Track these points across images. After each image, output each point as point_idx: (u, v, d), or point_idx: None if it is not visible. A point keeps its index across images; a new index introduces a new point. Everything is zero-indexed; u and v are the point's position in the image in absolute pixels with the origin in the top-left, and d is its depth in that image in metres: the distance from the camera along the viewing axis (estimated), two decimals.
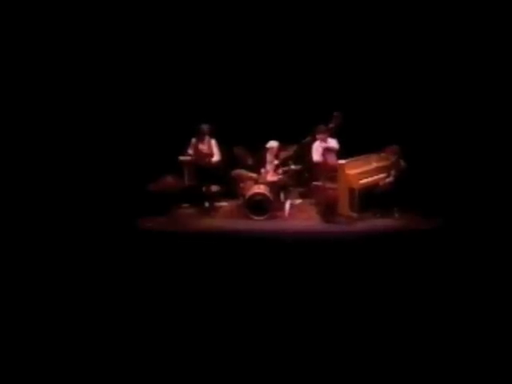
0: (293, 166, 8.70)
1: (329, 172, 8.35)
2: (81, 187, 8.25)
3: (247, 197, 8.38)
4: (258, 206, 8.33)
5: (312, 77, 9.35)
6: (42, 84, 8.62)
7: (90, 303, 5.33)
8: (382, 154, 8.45)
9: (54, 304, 5.30)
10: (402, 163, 8.22)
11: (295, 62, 9.37)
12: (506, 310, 4.98)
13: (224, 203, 9.03)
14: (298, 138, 8.74)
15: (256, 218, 8.33)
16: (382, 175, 8.32)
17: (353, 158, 8.39)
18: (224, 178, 8.82)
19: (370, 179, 8.24)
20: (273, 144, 8.67)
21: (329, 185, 8.29)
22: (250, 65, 9.38)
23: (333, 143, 8.52)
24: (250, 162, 8.78)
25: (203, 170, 8.56)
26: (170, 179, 8.36)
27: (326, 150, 8.45)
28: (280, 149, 8.76)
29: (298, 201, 8.99)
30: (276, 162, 8.75)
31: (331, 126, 8.44)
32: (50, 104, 8.64)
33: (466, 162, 8.42)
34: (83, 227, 7.53)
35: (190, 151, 8.63)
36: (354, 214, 8.16)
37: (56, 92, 8.68)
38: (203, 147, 8.65)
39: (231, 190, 8.94)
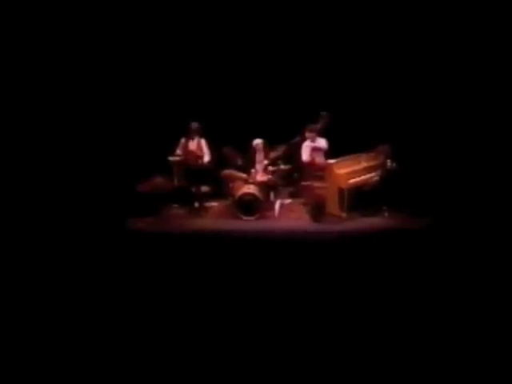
0: (282, 166, 8.71)
1: (317, 171, 8.38)
2: (69, 188, 8.20)
3: (237, 197, 8.38)
4: (248, 206, 8.33)
5: (301, 77, 9.36)
6: (31, 83, 8.54)
7: (79, 304, 5.31)
8: (372, 154, 8.49)
9: (43, 304, 5.28)
10: (389, 163, 8.25)
11: (284, 62, 9.37)
12: (495, 307, 5.02)
13: (214, 203, 9.02)
14: (287, 138, 8.76)
15: (246, 218, 8.33)
16: (371, 175, 8.34)
17: (342, 158, 8.42)
18: (214, 178, 8.81)
19: (359, 179, 8.26)
20: (258, 141, 8.69)
21: (317, 184, 8.31)
22: (240, 65, 9.36)
23: (322, 143, 8.54)
24: (239, 162, 8.79)
25: (193, 170, 8.53)
26: (159, 179, 8.34)
27: (314, 150, 8.48)
28: (269, 149, 8.77)
29: (288, 200, 9.00)
30: (265, 161, 8.76)
31: (318, 125, 8.48)
32: (37, 104, 8.56)
33: (455, 161, 8.45)
34: (72, 228, 7.49)
35: (180, 151, 8.61)
36: (344, 214, 8.19)
37: (44, 92, 8.60)
38: (193, 147, 8.63)
39: (221, 190, 8.94)
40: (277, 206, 8.62)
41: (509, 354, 4.27)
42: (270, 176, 8.68)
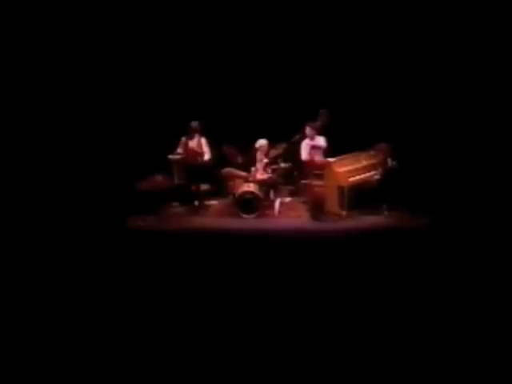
0: (282, 165, 8.70)
1: (316, 170, 8.37)
2: (69, 186, 8.20)
3: (237, 195, 8.38)
4: (248, 204, 8.33)
5: (301, 75, 9.36)
6: (31, 83, 8.54)
7: (79, 302, 5.31)
8: (372, 152, 8.48)
9: (42, 303, 5.28)
10: (390, 161, 8.24)
11: (284, 61, 9.37)
12: (495, 306, 5.02)
13: (214, 202, 9.03)
14: (287, 136, 8.75)
15: (246, 216, 8.33)
16: (371, 173, 8.34)
17: (342, 156, 8.42)
18: (214, 177, 8.81)
19: (359, 177, 8.25)
20: (262, 143, 8.68)
21: (316, 183, 8.31)
22: (240, 64, 9.37)
23: (321, 141, 8.53)
24: (239, 160, 8.79)
25: (192, 168, 8.54)
26: (159, 178, 8.35)
27: (313, 148, 8.46)
28: (269, 147, 8.77)
29: (288, 199, 9.00)
30: (265, 160, 8.76)
31: (318, 123, 8.48)
32: (37, 104, 8.57)
33: (456, 160, 8.45)
34: (71, 226, 7.49)
35: (180, 150, 8.61)
36: (343, 212, 8.19)
37: (44, 92, 8.60)
38: (193, 146, 8.63)
39: (221, 188, 8.95)
40: (277, 204, 8.61)
41: (509, 354, 4.27)
42: (269, 174, 8.68)
